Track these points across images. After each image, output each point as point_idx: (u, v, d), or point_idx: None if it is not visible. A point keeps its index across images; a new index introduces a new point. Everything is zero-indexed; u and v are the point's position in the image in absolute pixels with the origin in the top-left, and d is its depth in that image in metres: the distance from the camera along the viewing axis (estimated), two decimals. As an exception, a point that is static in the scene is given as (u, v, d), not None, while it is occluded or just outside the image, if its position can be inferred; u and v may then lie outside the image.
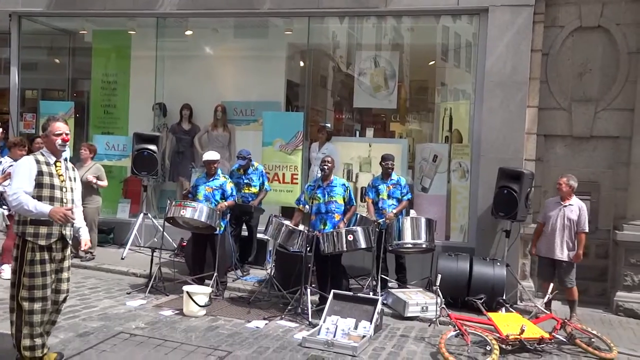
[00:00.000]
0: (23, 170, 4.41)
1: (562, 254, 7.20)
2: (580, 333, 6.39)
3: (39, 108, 10.80)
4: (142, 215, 9.35)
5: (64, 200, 4.54)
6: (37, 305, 4.42)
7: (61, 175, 4.58)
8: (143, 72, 10.45)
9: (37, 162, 4.46)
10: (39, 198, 4.39)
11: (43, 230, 4.44)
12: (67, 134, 4.59)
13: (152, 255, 7.67)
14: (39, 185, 4.41)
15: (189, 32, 10.43)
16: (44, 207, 4.32)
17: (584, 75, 8.33)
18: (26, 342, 4.42)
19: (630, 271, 7.86)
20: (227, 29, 10.41)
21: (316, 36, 9.74)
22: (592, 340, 6.32)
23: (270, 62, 10.26)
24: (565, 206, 7.26)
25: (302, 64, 10.26)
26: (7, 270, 7.78)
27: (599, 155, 8.30)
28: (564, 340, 6.30)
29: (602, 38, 8.26)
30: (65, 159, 4.75)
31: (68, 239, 4.65)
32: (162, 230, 8.07)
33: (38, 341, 4.46)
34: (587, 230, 7.26)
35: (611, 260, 8.21)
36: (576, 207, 7.24)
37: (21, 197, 4.27)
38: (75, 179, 4.78)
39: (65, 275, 4.71)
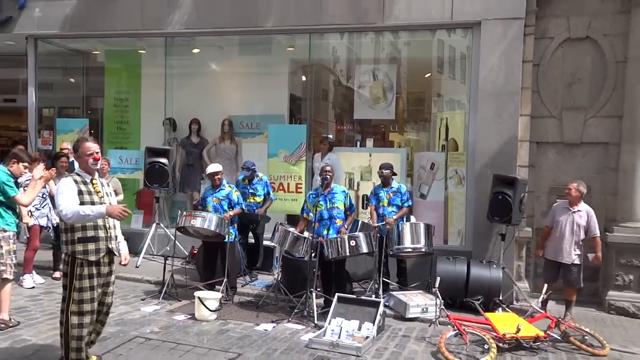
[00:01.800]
0: (65, 190, 4.48)
1: (569, 258, 7.18)
2: (574, 331, 6.41)
3: (56, 125, 10.89)
4: (154, 225, 9.42)
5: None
6: (87, 319, 4.52)
7: (99, 191, 4.67)
8: (153, 89, 10.52)
9: (75, 182, 4.56)
10: None
11: (91, 246, 4.53)
12: (97, 153, 4.69)
13: (165, 263, 7.73)
14: (80, 203, 4.48)
15: (196, 50, 10.52)
16: (100, 208, 4.45)
17: (573, 85, 8.36)
18: (73, 354, 4.50)
19: (621, 271, 7.88)
20: (232, 47, 10.49)
21: (317, 52, 9.79)
22: (586, 337, 6.34)
23: (273, 77, 10.32)
24: (574, 212, 7.23)
25: (304, 78, 10.33)
26: (27, 280, 7.90)
27: (589, 161, 8.32)
28: (559, 338, 6.33)
29: (590, 48, 8.28)
30: (100, 176, 4.86)
31: (115, 252, 4.74)
32: (174, 239, 8.14)
33: (83, 355, 4.55)
34: (598, 234, 7.27)
35: (602, 261, 8.22)
36: (584, 213, 7.23)
37: (73, 208, 4.37)
38: (111, 193, 4.87)
39: (110, 289, 4.82)
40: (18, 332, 5.95)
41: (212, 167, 7.87)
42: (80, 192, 4.52)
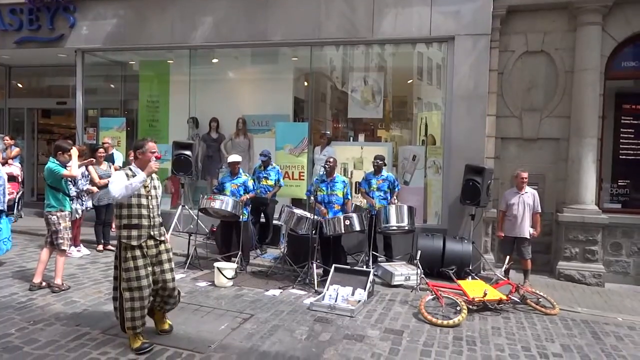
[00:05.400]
0: (116, 179, 4.38)
1: (524, 232, 7.18)
2: (531, 295, 6.43)
3: (99, 123, 10.85)
4: (180, 207, 9.34)
5: (150, 207, 4.51)
6: (136, 294, 4.37)
7: (147, 186, 4.52)
8: (179, 93, 10.44)
9: (127, 175, 4.44)
10: (129, 205, 4.39)
11: (134, 233, 4.41)
12: (159, 153, 4.62)
13: (189, 239, 7.70)
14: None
15: (215, 60, 10.40)
16: (139, 177, 4.37)
17: (531, 90, 8.31)
18: (128, 323, 4.40)
19: (569, 245, 7.87)
20: (246, 57, 10.37)
21: (317, 61, 9.67)
22: (540, 300, 6.37)
23: (280, 82, 10.22)
24: (523, 194, 7.23)
25: (306, 83, 10.24)
26: (74, 251, 7.85)
27: (544, 153, 8.29)
28: (518, 300, 6.35)
29: (545, 60, 8.25)
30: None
31: (158, 238, 4.56)
32: (196, 218, 8.09)
33: (138, 322, 4.41)
34: (540, 211, 7.28)
35: (554, 237, 8.22)
36: (531, 194, 7.24)
37: (119, 186, 4.29)
38: (157, 187, 4.69)
39: (166, 266, 4.61)
40: (69, 294, 5.98)
41: (233, 157, 7.77)
42: None
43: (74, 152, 6.24)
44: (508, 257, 7.11)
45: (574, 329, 5.63)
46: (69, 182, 7.06)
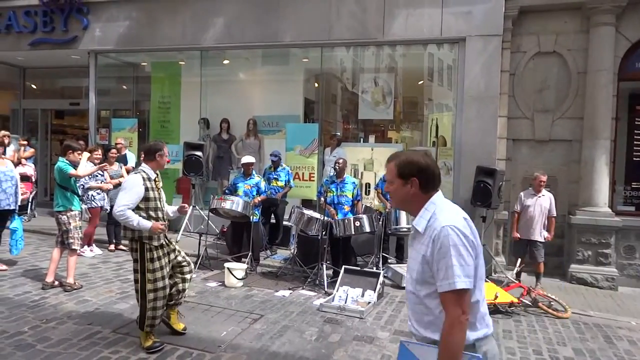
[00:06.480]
0: (133, 190, 4.37)
1: (539, 236, 7.13)
2: (542, 298, 6.36)
3: (111, 124, 10.93)
4: (191, 207, 9.32)
5: (162, 207, 4.60)
6: (160, 294, 4.45)
7: (159, 188, 4.60)
8: (191, 94, 10.49)
9: (144, 179, 4.44)
10: (147, 209, 4.42)
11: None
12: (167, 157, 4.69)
13: (200, 239, 7.72)
14: (146, 198, 4.43)
15: (226, 61, 10.43)
16: (146, 224, 4.34)
17: (543, 91, 8.23)
18: (148, 322, 4.45)
19: (581, 248, 7.78)
20: (256, 58, 10.39)
21: (327, 62, 9.66)
22: (552, 303, 6.30)
23: (290, 83, 10.22)
24: (540, 197, 7.18)
25: (316, 85, 10.24)
26: (88, 251, 7.91)
27: (556, 155, 8.21)
28: (530, 304, 6.29)
29: (557, 61, 8.17)
30: (158, 174, 4.71)
31: (168, 238, 4.69)
32: (207, 219, 8.11)
33: (157, 321, 4.51)
34: (555, 215, 7.22)
35: (566, 239, 8.12)
36: (547, 198, 7.19)
37: (127, 213, 4.29)
38: (161, 188, 4.75)
39: (179, 259, 4.74)
40: (81, 293, 6.02)
41: (247, 159, 7.79)
42: (147, 189, 4.43)
43: (84, 154, 6.34)
44: (520, 259, 7.05)
45: (587, 333, 5.57)
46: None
